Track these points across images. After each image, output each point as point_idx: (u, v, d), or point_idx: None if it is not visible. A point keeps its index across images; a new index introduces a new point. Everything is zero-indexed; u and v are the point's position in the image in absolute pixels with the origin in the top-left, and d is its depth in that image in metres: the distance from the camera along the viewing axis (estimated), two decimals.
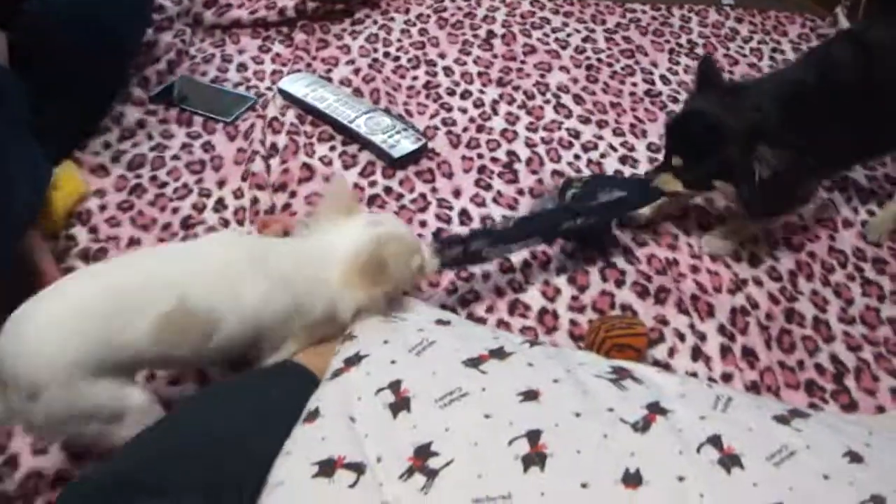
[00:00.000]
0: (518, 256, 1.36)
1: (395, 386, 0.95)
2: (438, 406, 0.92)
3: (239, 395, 0.98)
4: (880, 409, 1.22)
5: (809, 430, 0.90)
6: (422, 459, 0.87)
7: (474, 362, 0.97)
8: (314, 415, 0.94)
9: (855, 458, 0.87)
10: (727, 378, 1.22)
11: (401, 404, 0.93)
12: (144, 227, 1.41)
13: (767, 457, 0.86)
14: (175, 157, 1.54)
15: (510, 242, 1.25)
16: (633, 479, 0.84)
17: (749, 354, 1.26)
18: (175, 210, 1.44)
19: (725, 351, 1.26)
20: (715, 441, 0.87)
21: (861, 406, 1.22)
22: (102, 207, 1.44)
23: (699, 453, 0.86)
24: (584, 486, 0.83)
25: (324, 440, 0.91)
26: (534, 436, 0.87)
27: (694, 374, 1.22)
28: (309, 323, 1.04)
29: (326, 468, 0.87)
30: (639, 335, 1.18)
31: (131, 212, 1.43)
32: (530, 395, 0.92)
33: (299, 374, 1.02)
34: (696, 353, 1.25)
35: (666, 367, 1.23)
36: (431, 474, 0.85)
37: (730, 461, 0.85)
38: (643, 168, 1.57)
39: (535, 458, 0.85)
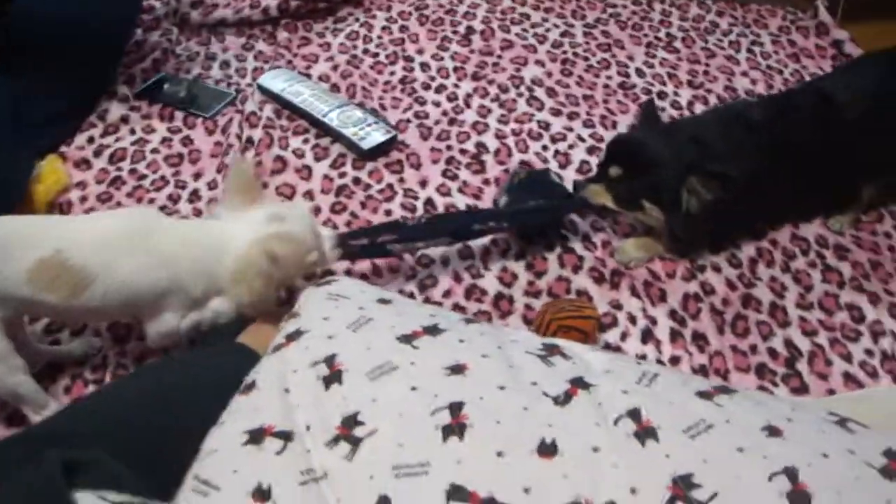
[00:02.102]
0: (478, 243, 1.38)
1: (329, 360, 0.97)
2: (369, 379, 0.95)
3: (176, 369, 1.02)
4: (831, 393, 1.22)
5: (731, 406, 0.91)
6: (348, 428, 0.90)
7: (408, 338, 0.99)
8: (250, 387, 0.97)
9: (773, 432, 0.88)
10: (675, 361, 1.24)
11: (333, 377, 0.95)
12: None
13: (684, 430, 0.87)
14: (154, 151, 1.59)
15: (417, 240, 1.27)
16: (548, 450, 0.86)
17: (699, 339, 1.27)
18: (151, 201, 1.49)
19: (675, 335, 1.27)
20: (633, 414, 0.89)
21: (812, 389, 1.23)
22: (83, 199, 1.49)
23: (616, 425, 0.88)
24: (499, 454, 0.85)
25: (256, 410, 0.94)
26: (456, 407, 0.90)
27: (643, 357, 1.24)
28: (187, 301, 1.10)
29: (256, 436, 0.90)
30: (585, 318, 1.20)
31: (110, 203, 1.49)
32: (457, 370, 0.94)
33: (243, 353, 1.06)
34: (647, 336, 1.27)
35: (617, 349, 1.25)
36: (356, 442, 0.88)
37: (645, 434, 0.86)
38: None
39: (455, 429, 0.88)
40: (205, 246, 1.11)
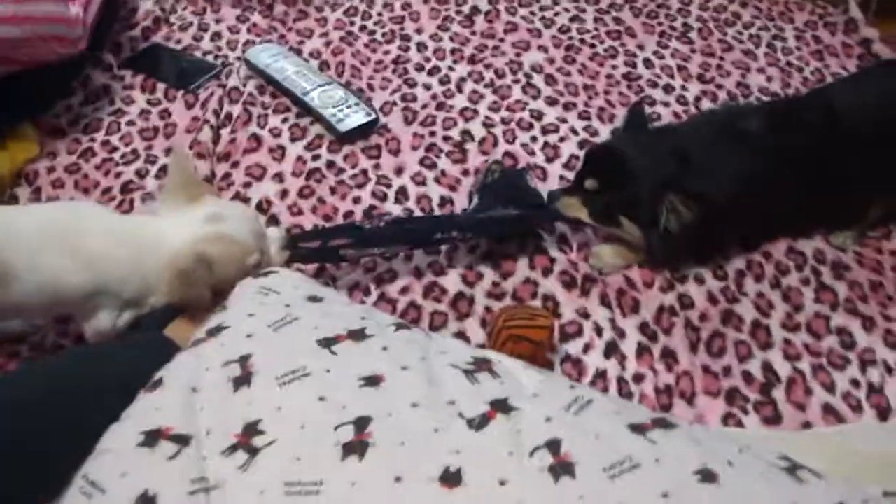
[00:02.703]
0: None
1: (244, 360, 0.92)
2: (278, 384, 0.89)
3: (88, 360, 0.97)
4: (806, 426, 1.12)
5: (665, 443, 0.83)
6: (247, 437, 0.84)
7: (329, 342, 0.93)
8: (157, 384, 0.92)
9: (708, 476, 0.79)
10: (639, 378, 1.15)
11: (244, 379, 0.90)
12: (86, 190, 1.42)
13: (605, 468, 0.79)
14: (130, 123, 1.55)
15: (373, 245, 1.19)
16: (451, 479, 0.79)
17: (668, 356, 1.18)
18: (118, 175, 1.44)
19: (643, 350, 1.18)
20: (552, 446, 0.81)
21: (786, 420, 1.12)
22: (51, 169, 1.45)
23: (531, 457, 0.80)
24: (397, 479, 0.79)
25: (158, 410, 0.89)
26: (362, 423, 0.83)
27: (604, 373, 1.15)
28: (120, 302, 1.04)
29: (151, 438, 0.85)
30: (539, 328, 1.11)
31: (77, 175, 1.44)
32: (372, 381, 0.88)
33: (164, 346, 1.01)
34: (611, 350, 1.18)
35: (577, 362, 1.17)
36: (253, 452, 0.82)
37: (561, 469, 0.79)
38: None
39: (356, 447, 0.82)
40: (138, 246, 1.04)
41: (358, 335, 0.95)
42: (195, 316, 1.06)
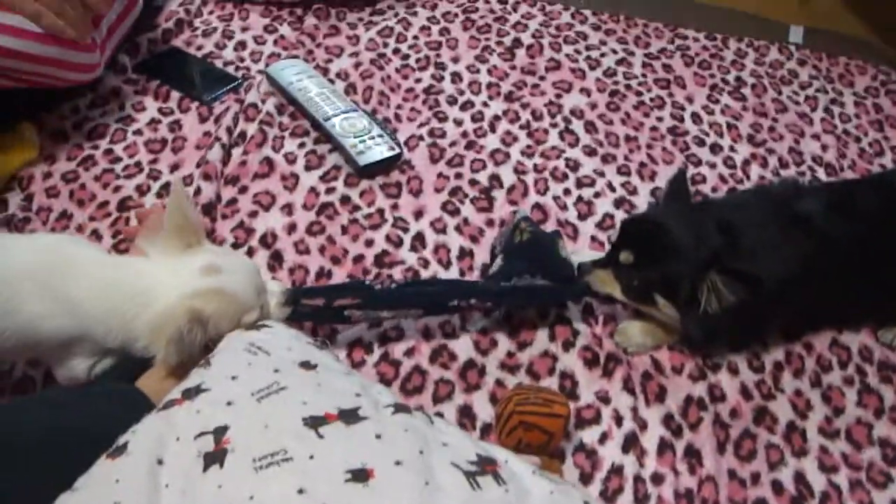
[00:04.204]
0: None
1: (219, 433, 0.81)
2: (254, 468, 0.78)
3: (43, 412, 0.86)
4: None
5: None
6: None
7: (316, 422, 0.83)
8: (120, 450, 0.81)
9: None
10: (658, 480, 1.04)
11: (216, 456, 0.79)
12: (80, 202, 1.32)
13: None
14: (137, 133, 1.45)
15: (382, 308, 1.08)
16: None
17: (692, 455, 1.07)
18: (117, 189, 1.34)
19: (665, 447, 1.07)
20: None
21: None
22: (47, 175, 1.36)
23: None
24: None
25: (117, 483, 0.78)
26: None
27: (620, 469, 1.04)
28: (99, 351, 0.95)
29: None
30: (554, 416, 1.00)
31: (73, 184, 1.35)
32: (360, 476, 0.77)
33: (134, 401, 0.90)
34: (630, 443, 1.06)
35: (592, 454, 1.06)
36: None
37: None
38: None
39: None
40: (126, 295, 0.94)
41: (350, 416, 0.84)
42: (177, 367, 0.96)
